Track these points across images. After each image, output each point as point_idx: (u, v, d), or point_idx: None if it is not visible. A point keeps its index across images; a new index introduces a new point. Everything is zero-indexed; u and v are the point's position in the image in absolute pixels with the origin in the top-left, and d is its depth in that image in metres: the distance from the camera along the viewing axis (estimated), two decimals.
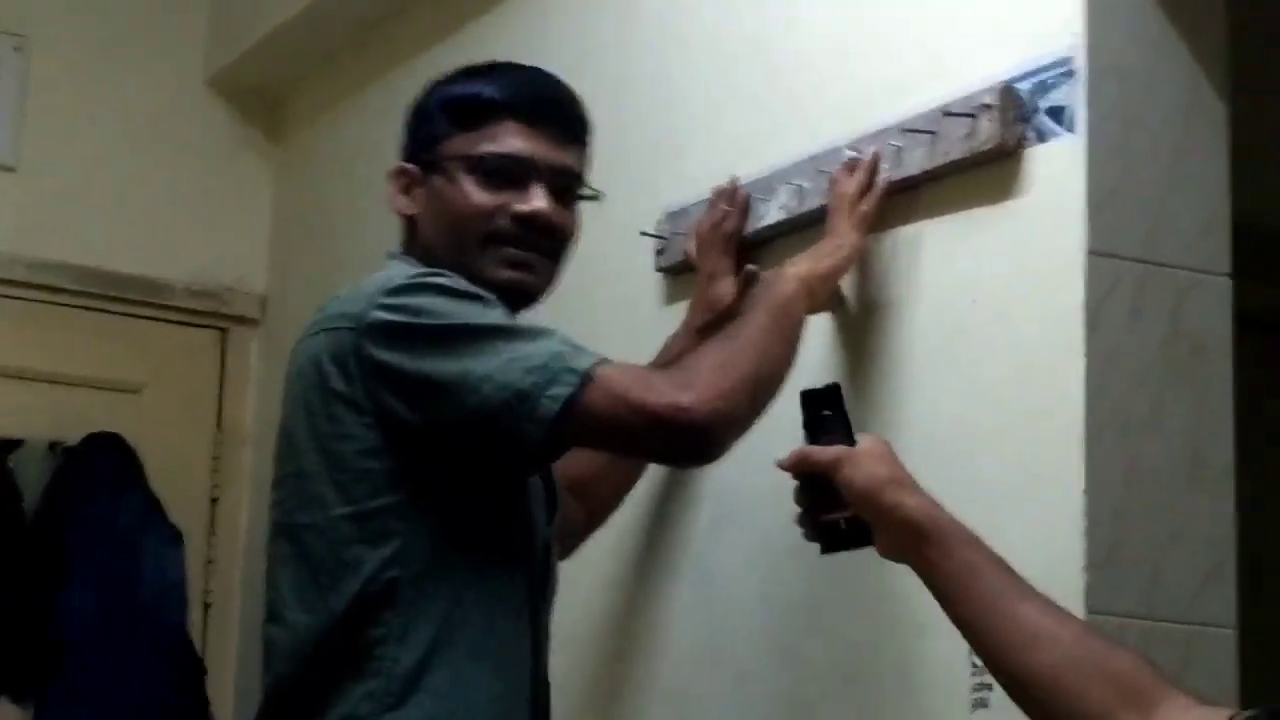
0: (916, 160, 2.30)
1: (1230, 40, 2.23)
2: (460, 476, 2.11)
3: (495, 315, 2.10)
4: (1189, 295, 2.13)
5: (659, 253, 2.81)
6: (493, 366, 2.03)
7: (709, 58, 2.83)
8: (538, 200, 2.23)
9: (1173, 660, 2.00)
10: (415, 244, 2.28)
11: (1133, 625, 2.02)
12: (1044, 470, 2.09)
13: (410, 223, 2.29)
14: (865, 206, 2.33)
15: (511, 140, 2.24)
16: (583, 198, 2.32)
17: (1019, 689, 1.72)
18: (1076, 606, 1.99)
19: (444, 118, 2.27)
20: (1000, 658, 1.74)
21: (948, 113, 2.25)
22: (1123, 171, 2.12)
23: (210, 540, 4.32)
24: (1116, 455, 2.05)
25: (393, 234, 2.34)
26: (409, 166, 2.29)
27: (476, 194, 2.22)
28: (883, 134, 2.36)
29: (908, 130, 2.31)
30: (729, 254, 2.58)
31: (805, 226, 2.46)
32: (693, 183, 2.73)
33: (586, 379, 2.02)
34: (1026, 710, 1.72)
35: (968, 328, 2.23)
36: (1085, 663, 1.68)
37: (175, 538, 4.07)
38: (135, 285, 4.29)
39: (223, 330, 4.43)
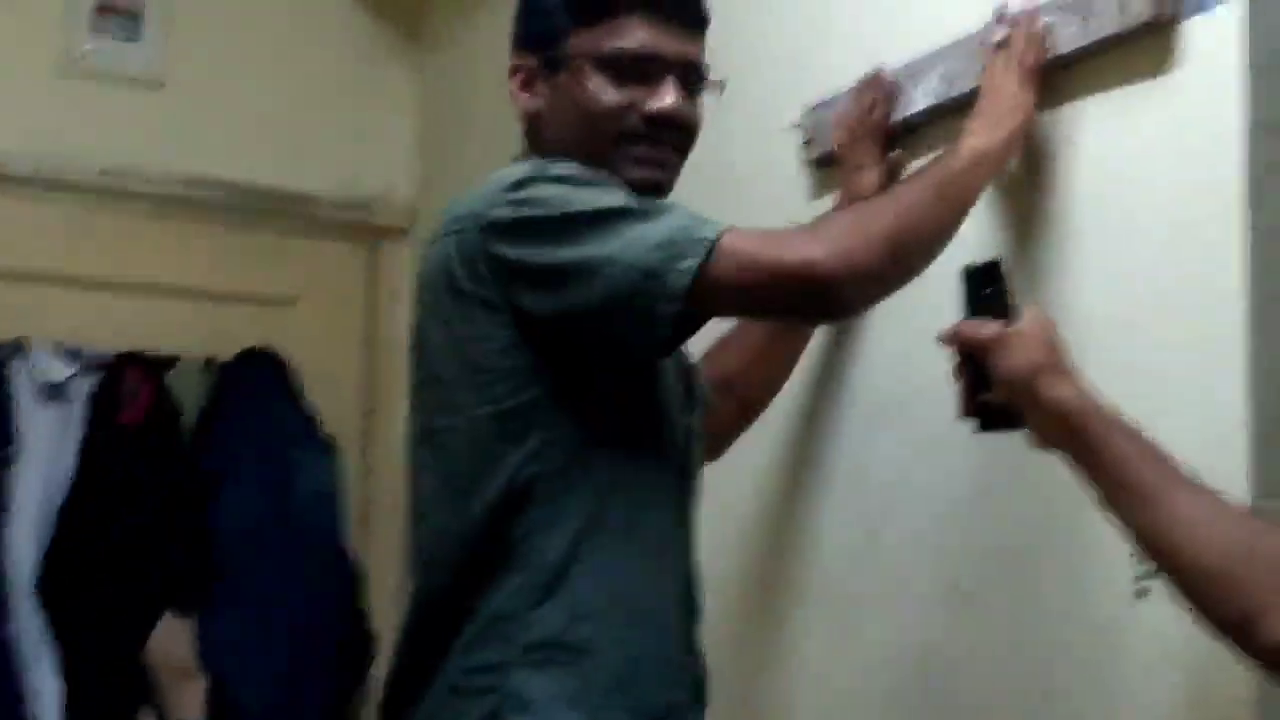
0: (1069, 37, 2.24)
1: None
2: (596, 368, 2.10)
3: (615, 198, 2.07)
4: None
5: (805, 143, 2.76)
6: (617, 248, 2.00)
7: None
8: (669, 98, 2.19)
9: None
10: (539, 141, 2.24)
11: None
12: (1206, 349, 2.03)
13: (533, 119, 2.25)
14: (1030, 59, 2.25)
15: (639, 34, 2.19)
16: (707, 89, 2.27)
17: (1179, 580, 1.67)
18: (1241, 489, 1.94)
19: (564, 10, 2.22)
20: (1158, 550, 1.69)
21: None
22: None
23: (366, 452, 4.35)
24: None
25: None
26: (529, 61, 2.25)
27: (607, 93, 2.18)
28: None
29: (1059, 6, 2.25)
30: (877, 144, 2.53)
31: (954, 112, 2.39)
32: (837, 72, 2.68)
33: (713, 247, 1.99)
34: (1187, 600, 1.67)
35: (1127, 205, 2.17)
36: (1246, 553, 1.63)
37: (329, 448, 4.10)
38: (284, 199, 4.30)
39: (372, 242, 4.44)
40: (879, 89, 2.54)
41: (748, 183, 2.90)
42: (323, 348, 4.29)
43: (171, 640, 3.81)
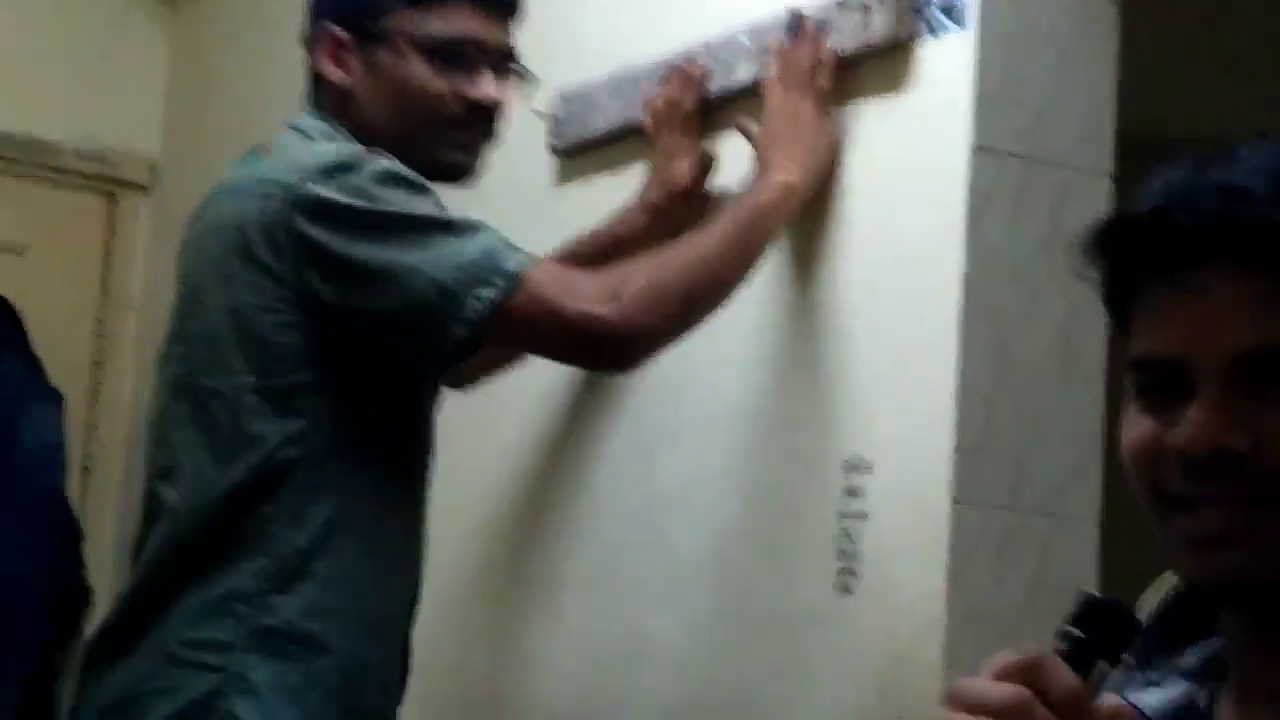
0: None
1: None
2: (373, 365, 2.11)
3: (432, 206, 2.07)
4: (1070, 193, 2.15)
5: (551, 132, 2.80)
6: (423, 260, 2.01)
7: None
8: (490, 86, 2.21)
9: (1034, 552, 2.05)
10: (345, 114, 2.21)
11: (998, 515, 2.06)
12: (919, 358, 2.12)
13: (340, 92, 2.21)
14: (823, 82, 2.23)
15: (465, 21, 2.20)
16: (517, 76, 2.28)
17: None
18: (943, 494, 2.03)
19: None
20: None
21: (841, 4, 2.25)
22: (1011, 69, 2.14)
23: (92, 405, 4.29)
24: (990, 348, 2.08)
25: (293, 103, 2.30)
26: (339, 32, 2.21)
27: (431, 78, 2.18)
28: (777, 23, 2.34)
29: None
30: (687, 132, 2.46)
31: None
32: (589, 61, 2.72)
33: (515, 281, 2.01)
34: None
35: (853, 217, 2.24)
36: None
37: (55, 399, 4.04)
38: (21, 145, 4.22)
39: (110, 194, 4.37)
40: (688, 77, 2.48)
41: (493, 168, 2.92)
42: (53, 298, 4.21)
43: None
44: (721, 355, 2.35)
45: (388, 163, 2.08)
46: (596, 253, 2.46)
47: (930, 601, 2.04)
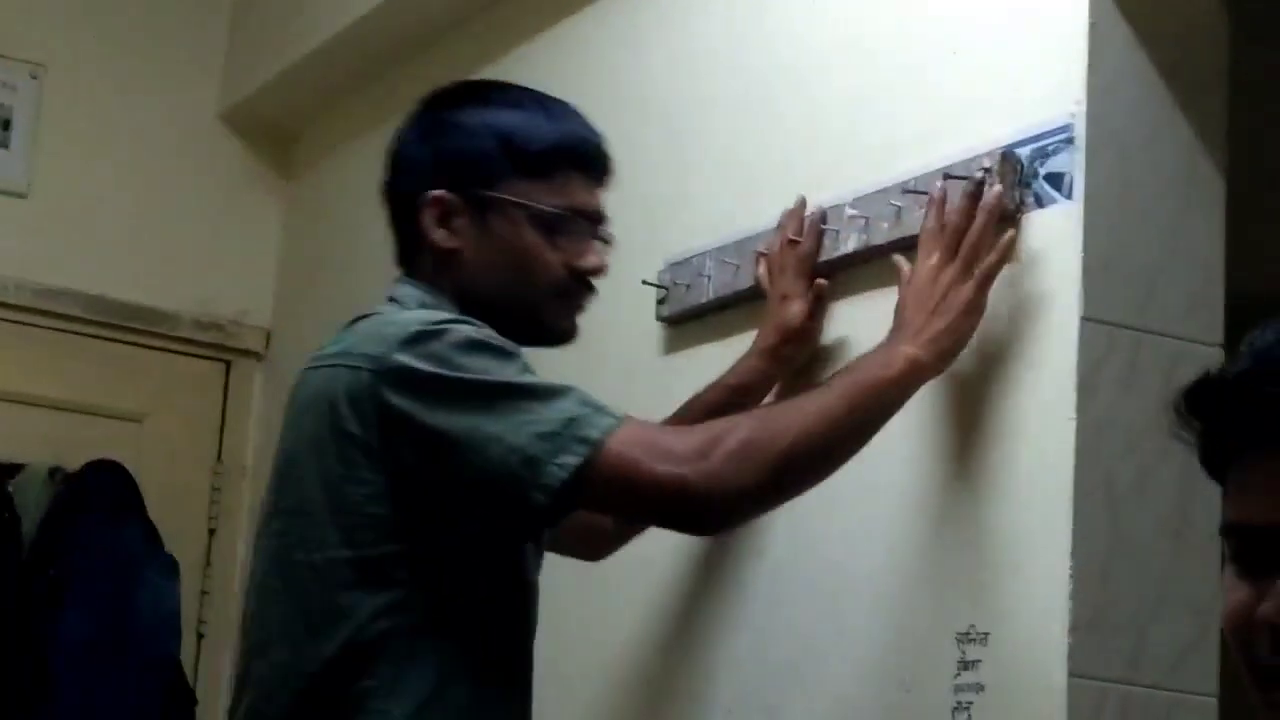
0: (916, 221, 2.28)
1: (1231, 115, 2.26)
2: (463, 533, 2.10)
3: (516, 371, 2.06)
4: (1181, 363, 2.14)
5: (660, 302, 2.82)
6: (504, 428, 2.00)
7: (718, 105, 2.85)
8: (596, 256, 2.23)
9: None
10: (448, 278, 2.21)
11: (1115, 690, 2.04)
12: (1033, 531, 2.11)
13: (448, 255, 2.21)
14: (990, 264, 2.16)
15: (579, 195, 2.22)
16: (610, 239, 2.31)
17: None
18: (1060, 670, 2.02)
19: (503, 157, 2.20)
20: None
21: (948, 175, 2.25)
22: (1119, 239, 2.14)
23: (206, 571, 4.34)
24: (1103, 519, 2.07)
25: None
26: (451, 197, 2.20)
27: (544, 248, 2.19)
28: (882, 194, 2.37)
29: (908, 191, 2.32)
30: (803, 275, 2.46)
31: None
32: (694, 231, 2.75)
33: (597, 448, 2.00)
34: None
35: (966, 388, 2.24)
36: None
37: (172, 568, 4.08)
38: (141, 315, 4.31)
39: (226, 362, 4.45)
40: (803, 220, 2.49)
41: (605, 334, 2.94)
42: (169, 465, 4.28)
43: None
44: (833, 525, 2.35)
45: (471, 329, 2.08)
46: (715, 403, 2.47)
47: None
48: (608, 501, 2.09)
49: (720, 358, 2.58)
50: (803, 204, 2.51)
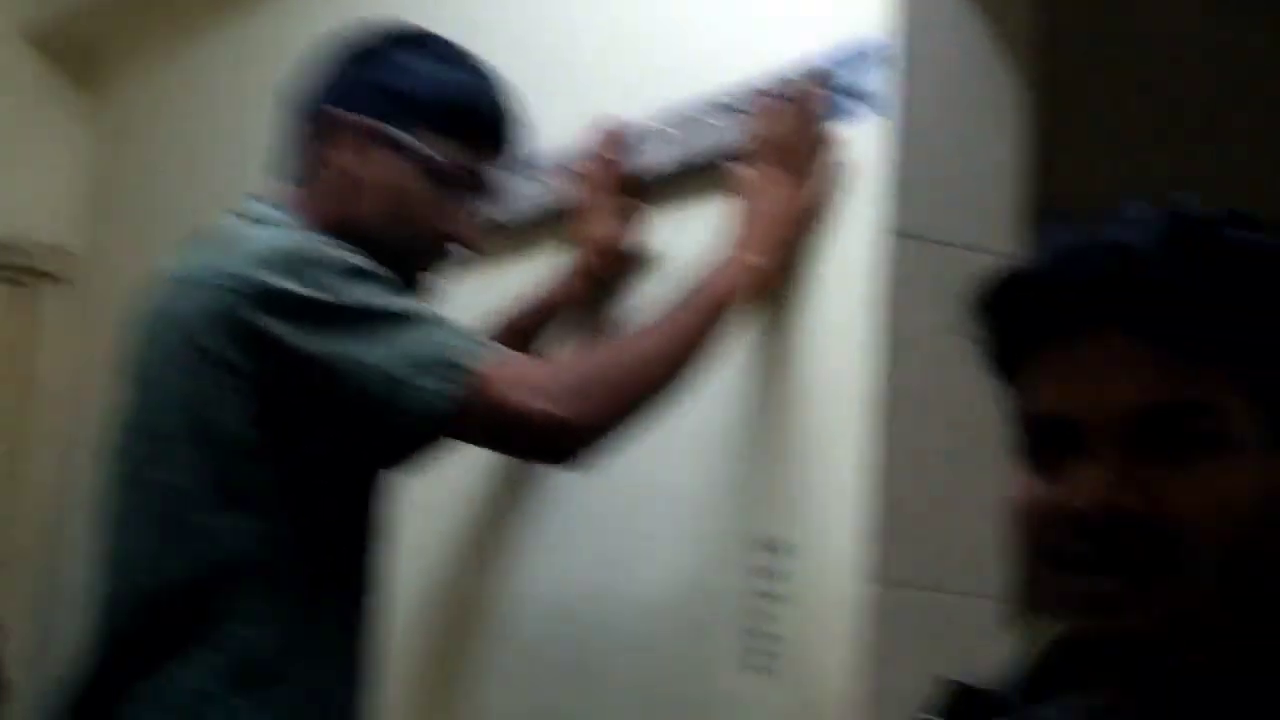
0: (730, 136, 2.31)
1: (1041, 38, 2.29)
2: (328, 459, 2.09)
3: (392, 298, 2.05)
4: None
5: None
6: (381, 355, 2.00)
7: (526, 24, 2.82)
8: (476, 230, 2.23)
9: (949, 629, 2.07)
10: (335, 203, 2.18)
11: (912, 595, 2.07)
12: (835, 443, 2.14)
13: (345, 181, 2.19)
14: (807, 155, 2.20)
15: (484, 163, 2.23)
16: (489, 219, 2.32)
17: None
18: (858, 577, 2.06)
19: (426, 103, 2.19)
20: None
21: (761, 91, 2.27)
22: (927, 154, 2.17)
23: (6, 495, 4.26)
24: (902, 430, 2.10)
25: (217, 196, 2.29)
26: (375, 126, 2.18)
27: (431, 203, 2.18)
28: (693, 109, 2.38)
29: (722, 106, 2.34)
30: (617, 193, 2.48)
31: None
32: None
33: (474, 378, 2.01)
34: None
35: (772, 301, 2.25)
36: None
37: None
38: None
39: (30, 285, 4.36)
40: (616, 138, 2.50)
41: None
42: None
43: None
44: (636, 440, 2.37)
45: (348, 255, 2.07)
46: (530, 321, 2.51)
47: (847, 680, 2.05)
48: (479, 432, 2.09)
49: (531, 275, 2.58)
50: (616, 121, 2.52)
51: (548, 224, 2.62)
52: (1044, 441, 1.21)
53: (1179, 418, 1.16)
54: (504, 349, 2.09)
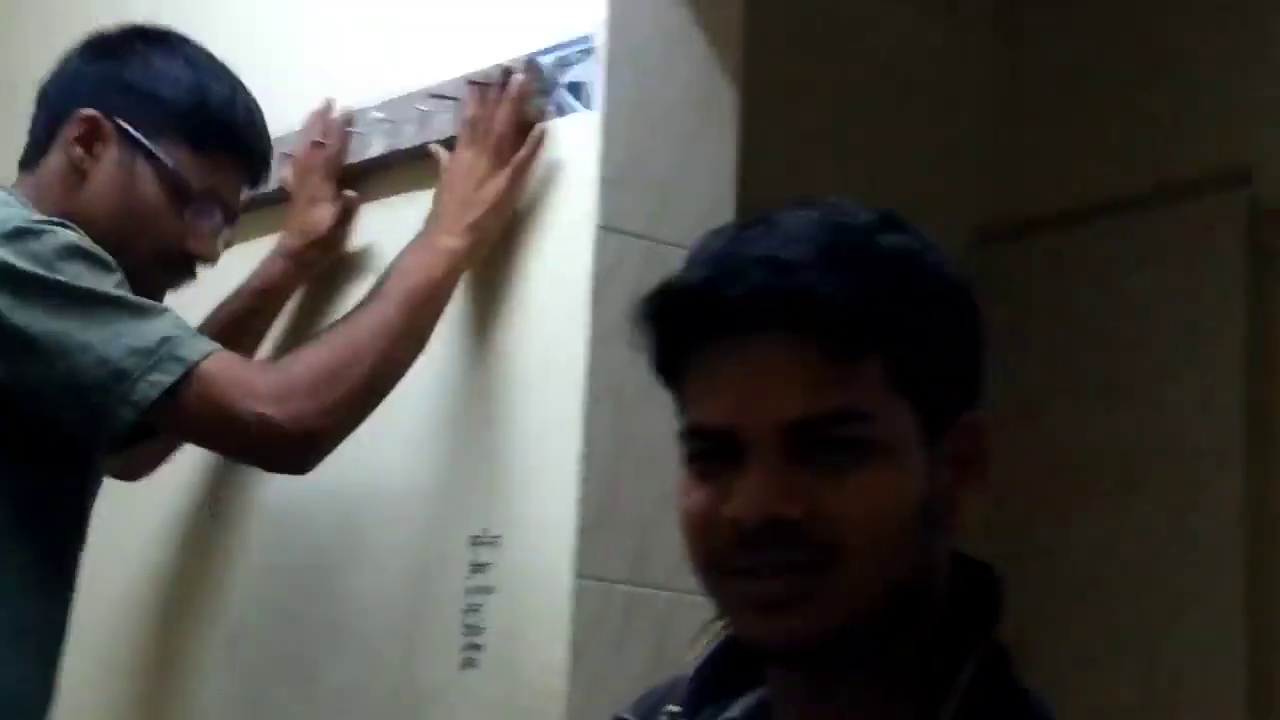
0: (442, 126, 2.32)
1: (745, 34, 2.31)
2: (34, 443, 2.04)
3: (114, 285, 2.01)
4: None
5: None
6: (97, 338, 1.96)
7: (245, 7, 2.80)
8: (213, 247, 2.21)
9: (655, 625, 2.08)
10: (61, 195, 2.15)
11: (620, 590, 2.09)
12: (545, 436, 2.14)
13: (73, 176, 2.15)
14: (521, 152, 2.20)
15: (224, 183, 2.21)
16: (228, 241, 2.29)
17: None
18: (567, 571, 2.06)
19: (174, 111, 2.16)
20: None
21: (472, 81, 2.27)
22: (635, 150, 2.18)
23: None
24: (611, 425, 2.11)
25: None
26: (106, 122, 2.15)
27: (169, 215, 2.15)
28: (408, 98, 2.38)
29: (434, 95, 2.34)
30: (329, 178, 2.46)
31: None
32: None
33: (189, 371, 1.97)
34: None
35: (482, 292, 2.26)
36: None
37: None
38: None
39: None
40: (329, 123, 2.49)
41: None
42: None
43: None
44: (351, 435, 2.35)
45: (74, 235, 2.02)
46: (240, 310, 2.47)
47: (553, 675, 2.05)
48: (190, 427, 2.06)
49: (242, 262, 2.54)
50: (329, 106, 2.51)
51: (267, 210, 2.58)
52: (708, 451, 1.22)
53: (834, 425, 1.19)
54: (224, 349, 2.06)
